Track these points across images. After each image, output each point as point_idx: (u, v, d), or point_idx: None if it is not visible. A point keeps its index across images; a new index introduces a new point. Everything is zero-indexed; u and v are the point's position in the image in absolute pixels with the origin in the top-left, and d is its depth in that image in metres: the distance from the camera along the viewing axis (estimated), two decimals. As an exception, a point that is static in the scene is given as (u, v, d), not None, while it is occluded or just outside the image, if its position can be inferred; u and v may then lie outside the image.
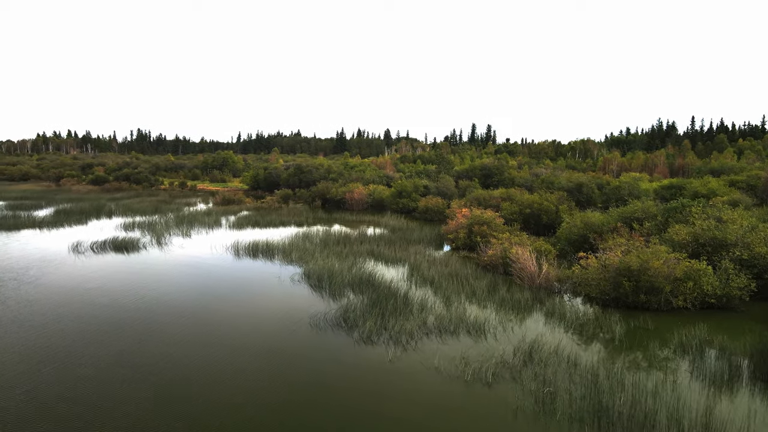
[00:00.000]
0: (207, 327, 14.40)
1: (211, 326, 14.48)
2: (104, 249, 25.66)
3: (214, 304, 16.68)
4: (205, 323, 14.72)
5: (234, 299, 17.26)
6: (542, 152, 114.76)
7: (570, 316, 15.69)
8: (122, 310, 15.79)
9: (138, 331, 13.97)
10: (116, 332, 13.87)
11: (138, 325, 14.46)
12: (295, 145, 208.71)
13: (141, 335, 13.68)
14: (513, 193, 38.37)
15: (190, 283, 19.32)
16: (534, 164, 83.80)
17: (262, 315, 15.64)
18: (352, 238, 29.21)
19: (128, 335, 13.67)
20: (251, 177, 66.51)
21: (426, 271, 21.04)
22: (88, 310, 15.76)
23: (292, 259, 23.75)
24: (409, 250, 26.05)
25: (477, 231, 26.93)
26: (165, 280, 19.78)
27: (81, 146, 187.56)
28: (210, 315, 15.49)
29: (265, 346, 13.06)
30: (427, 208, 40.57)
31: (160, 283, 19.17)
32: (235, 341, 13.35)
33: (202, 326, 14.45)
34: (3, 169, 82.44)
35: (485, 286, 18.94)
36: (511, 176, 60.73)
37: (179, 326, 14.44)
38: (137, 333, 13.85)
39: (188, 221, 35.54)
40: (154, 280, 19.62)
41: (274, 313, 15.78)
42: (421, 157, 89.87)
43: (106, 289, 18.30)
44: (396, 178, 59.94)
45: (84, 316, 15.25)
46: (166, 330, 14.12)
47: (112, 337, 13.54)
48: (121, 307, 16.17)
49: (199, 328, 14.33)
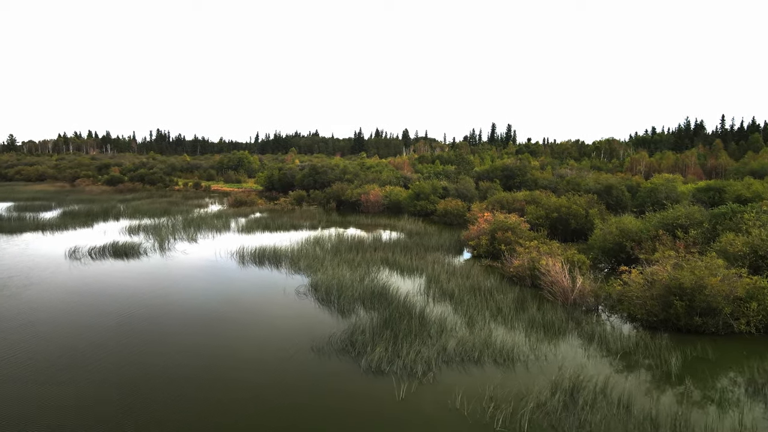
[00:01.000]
0: (195, 352, 12.63)
1: (200, 350, 12.71)
2: (103, 255, 24.21)
3: (208, 322, 14.92)
4: (192, 348, 12.95)
5: (231, 317, 15.49)
6: (565, 152, 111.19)
7: (613, 341, 13.52)
8: (102, 332, 14.12)
9: (114, 359, 12.26)
10: (91, 357, 12.18)
11: (115, 350, 12.76)
12: (313, 146, 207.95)
13: (117, 363, 11.97)
14: (538, 195, 36.07)
15: (186, 296, 17.63)
16: (557, 165, 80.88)
17: (260, 336, 13.83)
18: (365, 243, 27.33)
19: (104, 361, 11.96)
20: (265, 178, 65.14)
21: (445, 283, 19.02)
22: (66, 331, 14.13)
23: (299, 267, 21.96)
24: (426, 258, 24.06)
25: (501, 238, 24.80)
26: (159, 293, 18.12)
27: (101, 147, 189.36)
28: (201, 337, 13.72)
29: (258, 376, 11.23)
30: (446, 211, 38.49)
31: (152, 297, 17.51)
32: (226, 369, 11.55)
33: (189, 352, 12.68)
34: (21, 170, 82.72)
35: (512, 303, 16.85)
36: (534, 177, 58.26)
37: (161, 354, 12.69)
38: (112, 361, 12.14)
39: (196, 224, 34.08)
40: (147, 293, 17.97)
41: (273, 334, 13.96)
42: (440, 158, 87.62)
43: (94, 305, 16.71)
44: (414, 179, 57.92)
45: (61, 337, 13.61)
46: (144, 360, 12.38)
47: (87, 360, 11.85)
48: (103, 327, 14.51)
49: (185, 354, 12.56)
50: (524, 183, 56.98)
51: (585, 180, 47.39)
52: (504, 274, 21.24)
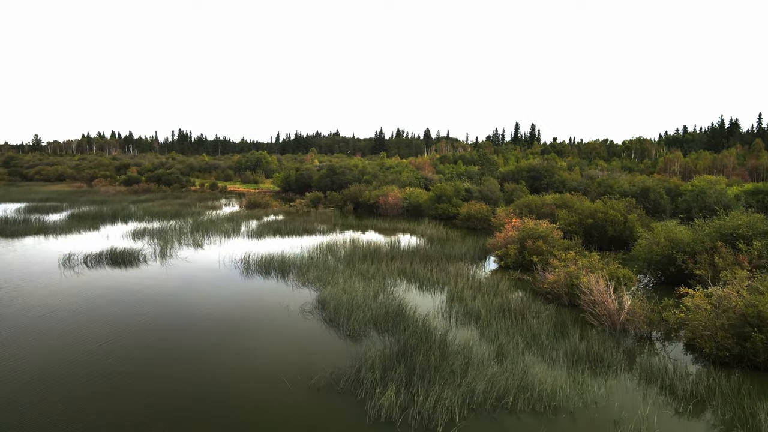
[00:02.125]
0: (176, 384, 10.61)
1: (183, 381, 10.68)
2: (99, 263, 22.55)
3: (197, 346, 12.92)
4: (174, 379, 10.93)
5: (225, 340, 13.46)
6: (593, 152, 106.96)
7: (679, 383, 11.05)
8: (80, 353, 12.22)
9: (85, 387, 10.31)
10: (63, 382, 10.25)
11: (86, 376, 10.82)
12: (333, 145, 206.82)
13: (87, 391, 10.01)
14: (569, 199, 33.39)
15: (177, 315, 15.69)
16: (585, 165, 77.43)
17: (254, 366, 11.76)
18: (381, 251, 25.14)
19: (73, 389, 10.02)
20: (282, 178, 63.53)
21: (470, 302, 16.70)
22: (41, 351, 12.26)
23: (308, 279, 19.89)
24: (448, 270, 21.75)
25: (531, 247, 22.35)
26: (150, 309, 16.23)
27: (123, 147, 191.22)
28: (185, 365, 11.70)
29: (245, 415, 9.13)
30: (470, 215, 36.05)
31: (141, 315, 15.62)
32: (210, 403, 9.48)
33: (169, 383, 10.66)
34: (41, 170, 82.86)
35: (549, 327, 14.46)
36: (562, 179, 55.41)
37: (131, 388, 10.68)
38: (84, 388, 10.19)
39: (205, 228, 32.38)
40: (135, 312, 16.09)
41: (269, 363, 11.88)
42: (462, 158, 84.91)
43: (78, 321, 14.90)
44: (435, 180, 55.56)
45: (35, 357, 11.75)
46: (112, 395, 10.39)
47: (61, 384, 9.92)
48: (82, 349, 12.62)
49: (166, 386, 10.54)
50: (551, 185, 54.17)
51: (618, 182, 44.38)
52: (536, 290, 18.82)
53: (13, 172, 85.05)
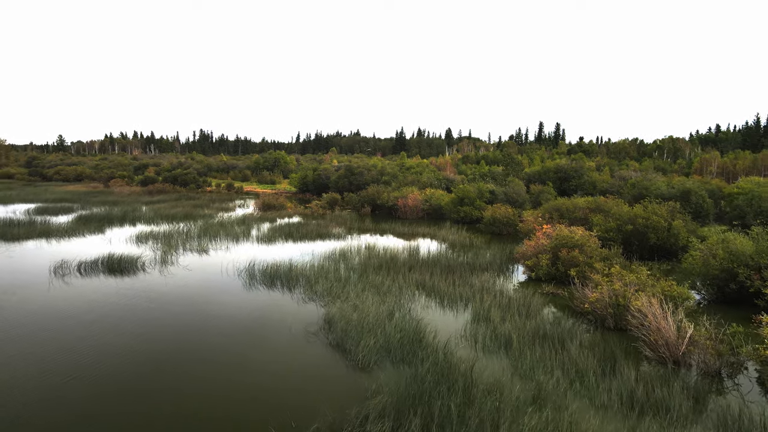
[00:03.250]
0: (147, 419, 8.68)
1: (156, 415, 8.75)
2: (94, 271, 20.94)
3: (181, 375, 11.00)
4: (147, 410, 8.99)
5: (213, 367, 11.52)
6: (622, 152, 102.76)
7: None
8: (42, 388, 10.41)
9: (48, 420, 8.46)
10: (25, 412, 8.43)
11: (52, 408, 8.96)
12: (354, 145, 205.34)
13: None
14: (604, 202, 30.74)
15: (167, 333, 13.83)
16: (615, 165, 73.95)
17: (240, 404, 9.78)
18: (399, 260, 23.03)
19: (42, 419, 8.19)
20: (299, 179, 61.91)
21: (498, 324, 14.48)
22: (17, 373, 10.50)
23: (316, 292, 17.90)
24: (472, 282, 19.52)
25: (566, 258, 19.97)
26: (135, 329, 14.43)
27: (144, 147, 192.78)
28: (166, 395, 9.76)
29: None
30: (495, 218, 33.66)
31: (126, 334, 13.80)
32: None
33: (139, 414, 8.75)
34: (60, 170, 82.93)
35: (595, 360, 12.14)
36: (592, 180, 52.48)
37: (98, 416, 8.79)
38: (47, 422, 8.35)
39: (214, 232, 30.72)
40: (123, 327, 14.30)
41: (259, 400, 9.89)
42: (485, 158, 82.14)
43: (47, 347, 13.14)
44: (457, 181, 53.18)
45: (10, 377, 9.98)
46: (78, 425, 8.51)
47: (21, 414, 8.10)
48: (45, 383, 10.81)
49: (134, 417, 8.63)
50: (581, 186, 51.33)
51: (654, 183, 41.38)
52: (574, 308, 16.48)
53: (34, 172, 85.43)
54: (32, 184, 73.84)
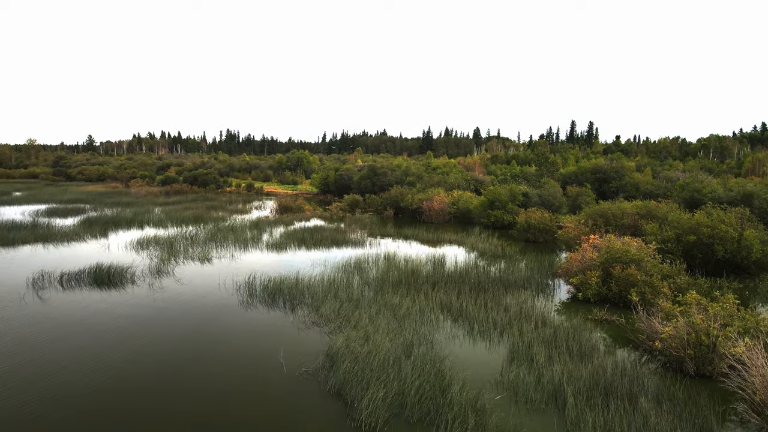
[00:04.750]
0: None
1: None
2: (77, 283, 18.70)
3: (139, 425, 8.36)
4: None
5: (180, 424, 8.84)
6: (663, 151, 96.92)
7: None
8: None
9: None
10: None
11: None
12: (380, 145, 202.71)
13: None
14: (655, 207, 27.10)
15: (133, 369, 11.25)
16: (657, 165, 69.14)
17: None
18: (421, 273, 20.11)
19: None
20: (320, 179, 59.51)
21: (544, 366, 11.42)
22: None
23: (321, 315, 15.15)
24: (507, 303, 16.46)
25: (620, 276, 16.70)
26: (93, 357, 11.91)
27: (171, 147, 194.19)
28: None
29: None
30: (529, 224, 30.34)
31: (82, 367, 11.30)
32: None
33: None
34: (83, 169, 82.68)
35: (682, 429, 8.98)
36: (634, 181, 48.32)
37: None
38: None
39: (222, 237, 28.39)
40: (82, 356, 11.82)
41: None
42: (516, 157, 78.27)
43: (20, 363, 10.72)
44: (486, 182, 49.83)
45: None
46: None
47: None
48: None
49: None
50: (622, 188, 47.28)
51: (708, 185, 37.25)
52: (637, 342, 13.27)
53: (58, 172, 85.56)
54: (54, 183, 73.56)
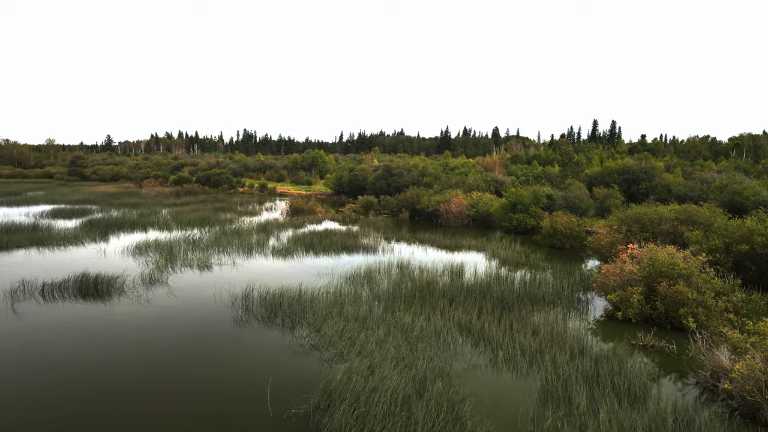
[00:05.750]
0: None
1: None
2: (61, 294, 17.15)
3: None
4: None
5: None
6: (692, 151, 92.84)
7: None
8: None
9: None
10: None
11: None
12: (397, 145, 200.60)
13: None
14: (696, 212, 24.61)
15: (100, 400, 9.51)
16: (687, 166, 65.85)
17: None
18: (438, 286, 18.11)
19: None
20: (334, 180, 57.80)
21: (586, 412, 9.35)
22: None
23: (323, 336, 13.29)
24: (535, 322, 14.39)
25: (667, 294, 14.49)
26: (58, 382, 10.20)
27: (188, 147, 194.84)
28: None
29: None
30: (555, 230, 28.06)
31: (29, 396, 9.58)
32: None
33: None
34: (97, 169, 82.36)
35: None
36: (666, 182, 45.56)
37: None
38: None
39: (226, 241, 26.76)
40: (37, 379, 10.10)
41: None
42: (537, 157, 75.49)
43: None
44: (507, 183, 47.51)
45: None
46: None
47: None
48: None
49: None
50: (652, 190, 44.56)
51: (750, 187, 34.45)
52: (695, 375, 11.09)
53: (73, 172, 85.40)
54: (68, 184, 73.19)
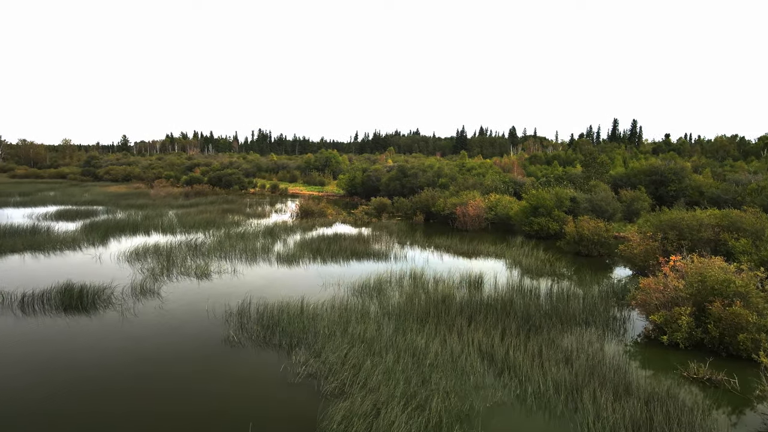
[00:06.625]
0: None
1: None
2: (42, 307, 15.79)
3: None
4: None
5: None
6: (721, 150, 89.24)
7: None
8: None
9: None
10: None
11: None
12: (413, 145, 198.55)
13: None
14: (740, 217, 22.35)
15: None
16: (717, 167, 62.88)
17: None
18: (454, 300, 16.29)
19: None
20: (347, 180, 56.19)
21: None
22: None
23: (323, 362, 11.59)
24: (567, 347, 12.51)
25: (722, 315, 12.47)
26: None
27: (203, 147, 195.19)
28: None
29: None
30: (582, 235, 25.98)
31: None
32: None
33: None
34: (109, 170, 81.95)
35: None
36: (696, 184, 43.05)
37: None
38: None
39: (229, 246, 25.29)
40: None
41: None
42: (557, 157, 72.95)
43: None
44: (526, 184, 45.38)
45: None
46: None
47: None
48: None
49: None
50: (682, 192, 42.06)
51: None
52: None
53: (86, 172, 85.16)
54: (80, 184, 72.72)
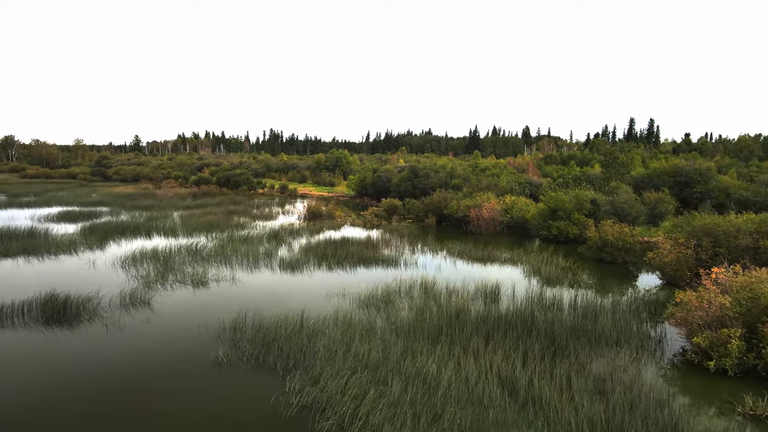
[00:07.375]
0: None
1: None
2: (21, 319, 14.69)
3: None
4: None
5: None
6: (745, 150, 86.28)
7: None
8: None
9: None
10: None
11: None
12: (425, 145, 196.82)
13: None
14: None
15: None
16: (742, 167, 60.42)
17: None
18: (469, 316, 14.80)
19: None
20: (357, 181, 54.79)
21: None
22: None
23: (320, 390, 10.17)
24: (597, 374, 10.96)
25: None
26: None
27: (214, 147, 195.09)
28: None
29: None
30: (605, 241, 24.26)
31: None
32: None
33: None
34: (119, 170, 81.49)
35: None
36: (723, 185, 40.96)
37: None
38: None
39: (231, 250, 24.06)
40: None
41: None
42: (573, 157, 70.83)
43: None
44: (543, 185, 43.60)
45: None
46: None
47: None
48: None
49: None
50: (708, 194, 40.00)
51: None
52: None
53: (96, 172, 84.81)
54: (89, 184, 72.27)
